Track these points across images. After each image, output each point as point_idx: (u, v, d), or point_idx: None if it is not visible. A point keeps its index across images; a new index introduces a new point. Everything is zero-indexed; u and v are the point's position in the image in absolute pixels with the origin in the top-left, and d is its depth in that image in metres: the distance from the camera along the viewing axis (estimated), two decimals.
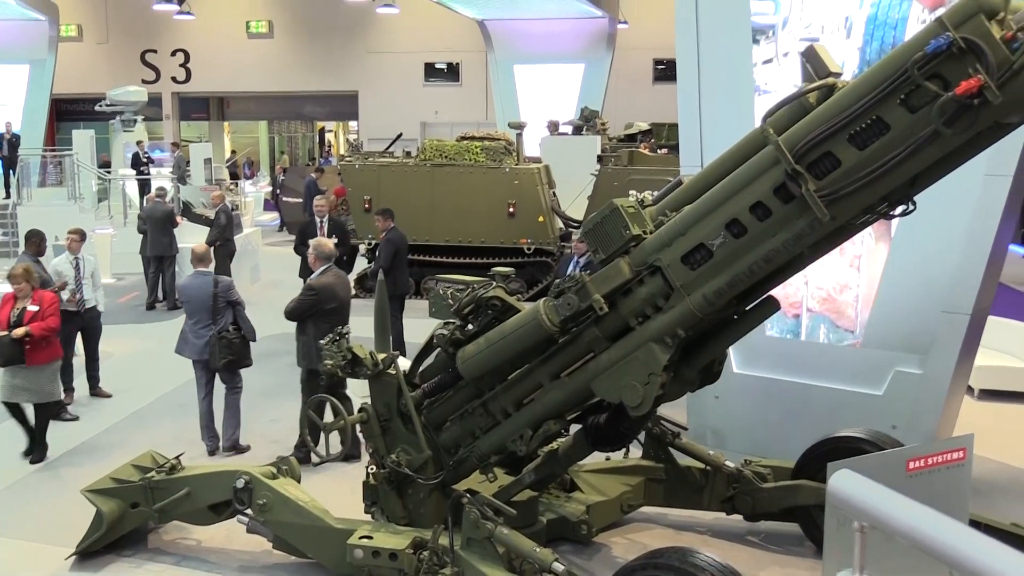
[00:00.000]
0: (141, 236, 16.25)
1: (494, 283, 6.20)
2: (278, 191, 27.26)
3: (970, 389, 10.62)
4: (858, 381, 8.01)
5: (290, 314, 8.70)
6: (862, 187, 4.60)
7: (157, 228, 15.85)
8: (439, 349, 6.23)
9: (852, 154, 4.57)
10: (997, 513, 7.03)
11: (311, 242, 9.36)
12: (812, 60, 4.97)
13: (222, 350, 8.93)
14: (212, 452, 9.15)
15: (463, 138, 17.76)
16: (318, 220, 13.29)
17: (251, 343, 9.27)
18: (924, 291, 7.68)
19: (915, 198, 4.98)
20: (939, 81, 4.26)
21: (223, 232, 15.76)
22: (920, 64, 4.26)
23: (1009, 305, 14.24)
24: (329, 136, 44.53)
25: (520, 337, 5.69)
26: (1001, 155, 6.86)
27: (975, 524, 6.11)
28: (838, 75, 4.94)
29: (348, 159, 18.96)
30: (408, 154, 19.86)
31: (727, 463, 7.08)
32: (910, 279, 7.77)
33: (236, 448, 9.20)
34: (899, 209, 5.07)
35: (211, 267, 9.69)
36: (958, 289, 7.51)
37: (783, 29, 8.18)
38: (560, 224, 16.94)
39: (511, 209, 16.43)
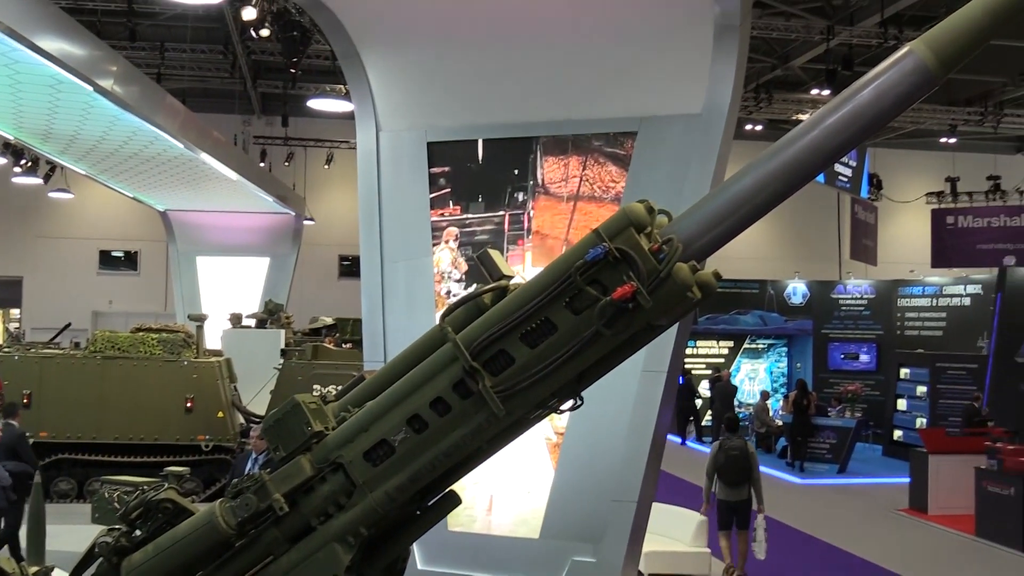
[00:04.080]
0: None
1: (166, 484, 5.82)
2: None
3: (640, 575, 11.13)
4: (537, 572, 8.16)
5: None
6: (534, 383, 4.82)
7: None
8: (101, 559, 5.70)
9: (524, 352, 4.81)
10: None
11: None
12: (486, 263, 5.25)
13: None
14: None
15: (138, 329, 17.02)
16: None
17: None
18: (595, 481, 8.07)
19: (583, 393, 5.29)
20: (599, 286, 4.62)
21: None
22: (582, 270, 4.62)
23: (670, 491, 15.26)
24: None
25: (193, 542, 5.31)
26: (656, 353, 7.53)
27: None
28: (510, 278, 5.26)
29: (6, 350, 17.53)
30: (77, 345, 18.69)
31: None
32: (581, 470, 8.15)
33: None
34: (568, 404, 5.36)
35: None
36: (625, 478, 7.96)
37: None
38: (241, 420, 16.41)
39: (189, 404, 15.79)
